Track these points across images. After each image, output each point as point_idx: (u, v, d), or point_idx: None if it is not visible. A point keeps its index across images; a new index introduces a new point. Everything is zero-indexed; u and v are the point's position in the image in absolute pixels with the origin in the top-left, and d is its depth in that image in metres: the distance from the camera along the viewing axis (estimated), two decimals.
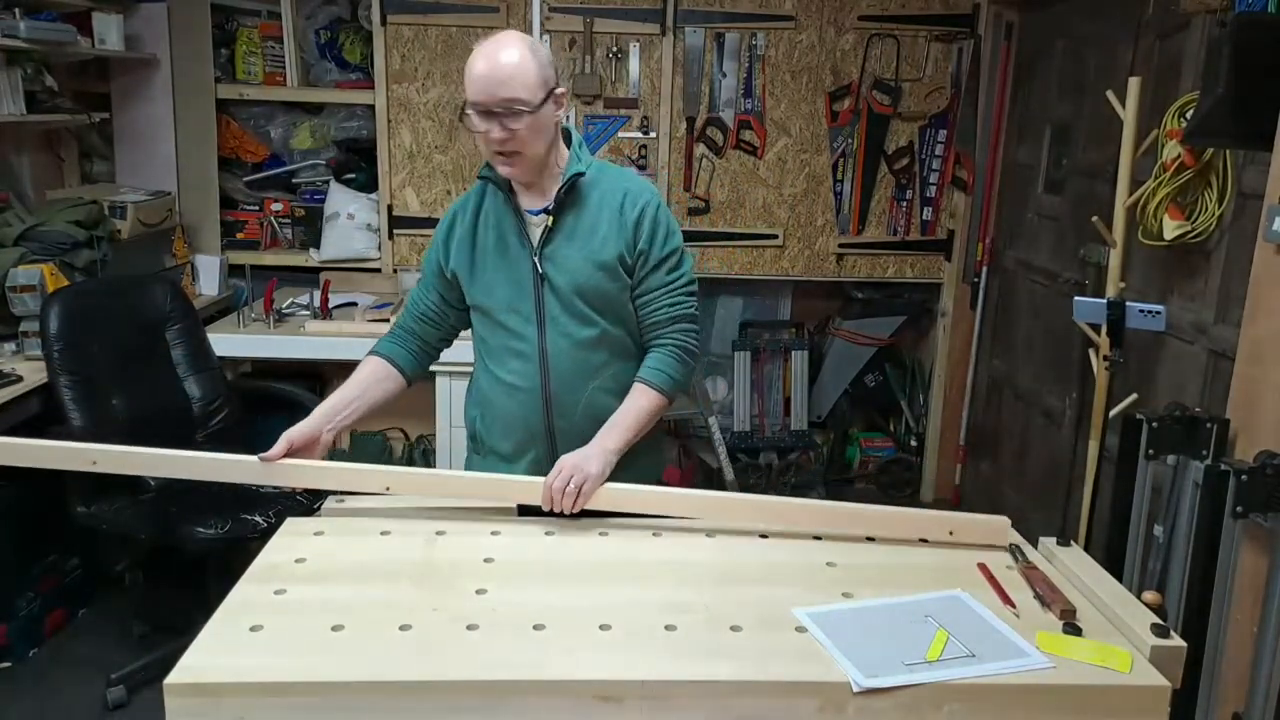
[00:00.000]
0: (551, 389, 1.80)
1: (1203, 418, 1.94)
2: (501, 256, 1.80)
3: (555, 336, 1.78)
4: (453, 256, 1.84)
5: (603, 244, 1.77)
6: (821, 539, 1.62)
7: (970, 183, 3.85)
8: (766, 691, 1.21)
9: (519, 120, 1.66)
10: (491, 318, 1.83)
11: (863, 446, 4.29)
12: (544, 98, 1.67)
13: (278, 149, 3.98)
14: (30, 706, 2.63)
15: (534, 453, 1.83)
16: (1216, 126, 1.99)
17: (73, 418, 2.62)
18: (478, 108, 1.66)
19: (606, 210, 1.78)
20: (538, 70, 1.66)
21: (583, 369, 1.80)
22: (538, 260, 1.77)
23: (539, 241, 1.77)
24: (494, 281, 1.80)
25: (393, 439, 4.00)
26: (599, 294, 1.78)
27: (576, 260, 1.76)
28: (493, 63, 1.65)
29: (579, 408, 1.80)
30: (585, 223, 1.78)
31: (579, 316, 1.78)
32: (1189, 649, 1.33)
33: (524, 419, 1.82)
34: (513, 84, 1.64)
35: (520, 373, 1.81)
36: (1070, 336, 2.93)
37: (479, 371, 1.92)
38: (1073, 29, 3.23)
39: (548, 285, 1.77)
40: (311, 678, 1.19)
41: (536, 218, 1.79)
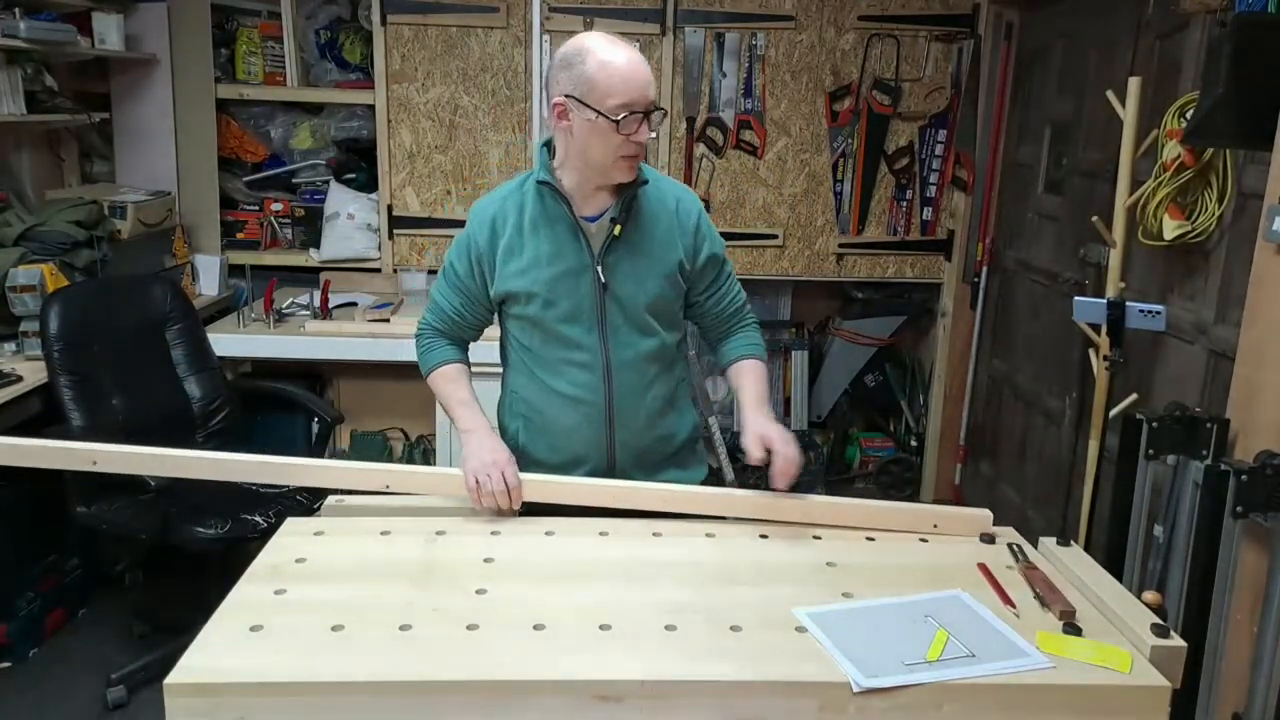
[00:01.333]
0: (615, 401, 1.78)
1: (1203, 418, 1.94)
2: (559, 264, 1.73)
3: (619, 348, 1.76)
4: (499, 265, 1.77)
5: (664, 252, 1.76)
6: (821, 539, 1.63)
7: (970, 183, 3.85)
8: (766, 691, 1.21)
9: (658, 121, 1.69)
10: (544, 327, 1.77)
11: (863, 446, 4.29)
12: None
13: (278, 149, 3.98)
14: (30, 706, 2.63)
15: (590, 465, 1.80)
16: (1216, 126, 1.99)
17: (73, 418, 2.62)
18: (630, 109, 1.62)
19: (664, 218, 1.77)
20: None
21: (643, 380, 1.80)
22: (600, 270, 1.73)
23: (600, 250, 1.73)
24: (552, 290, 1.74)
25: (393, 439, 4.01)
26: (662, 304, 1.78)
27: (642, 270, 1.75)
28: (635, 59, 1.64)
29: (640, 419, 1.80)
30: (647, 232, 1.76)
31: (641, 327, 1.77)
32: (1189, 649, 1.33)
33: (584, 431, 1.79)
34: (653, 83, 1.67)
35: (582, 384, 1.77)
36: (1070, 336, 2.93)
37: (521, 381, 1.85)
38: (1073, 29, 3.23)
39: (611, 295, 1.74)
40: (311, 678, 1.19)
41: (594, 225, 1.74)
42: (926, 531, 1.65)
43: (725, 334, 1.91)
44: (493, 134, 3.82)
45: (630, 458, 1.81)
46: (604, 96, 1.62)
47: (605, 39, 1.67)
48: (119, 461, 1.64)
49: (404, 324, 3.44)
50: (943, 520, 1.66)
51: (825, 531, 1.65)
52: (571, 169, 1.73)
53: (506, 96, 3.79)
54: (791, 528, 1.65)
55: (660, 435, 1.85)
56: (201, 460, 1.69)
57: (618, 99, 1.62)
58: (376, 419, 4.01)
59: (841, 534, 1.64)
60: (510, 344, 1.87)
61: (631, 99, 1.62)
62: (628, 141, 1.64)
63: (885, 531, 1.65)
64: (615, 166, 1.68)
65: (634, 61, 1.64)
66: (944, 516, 1.66)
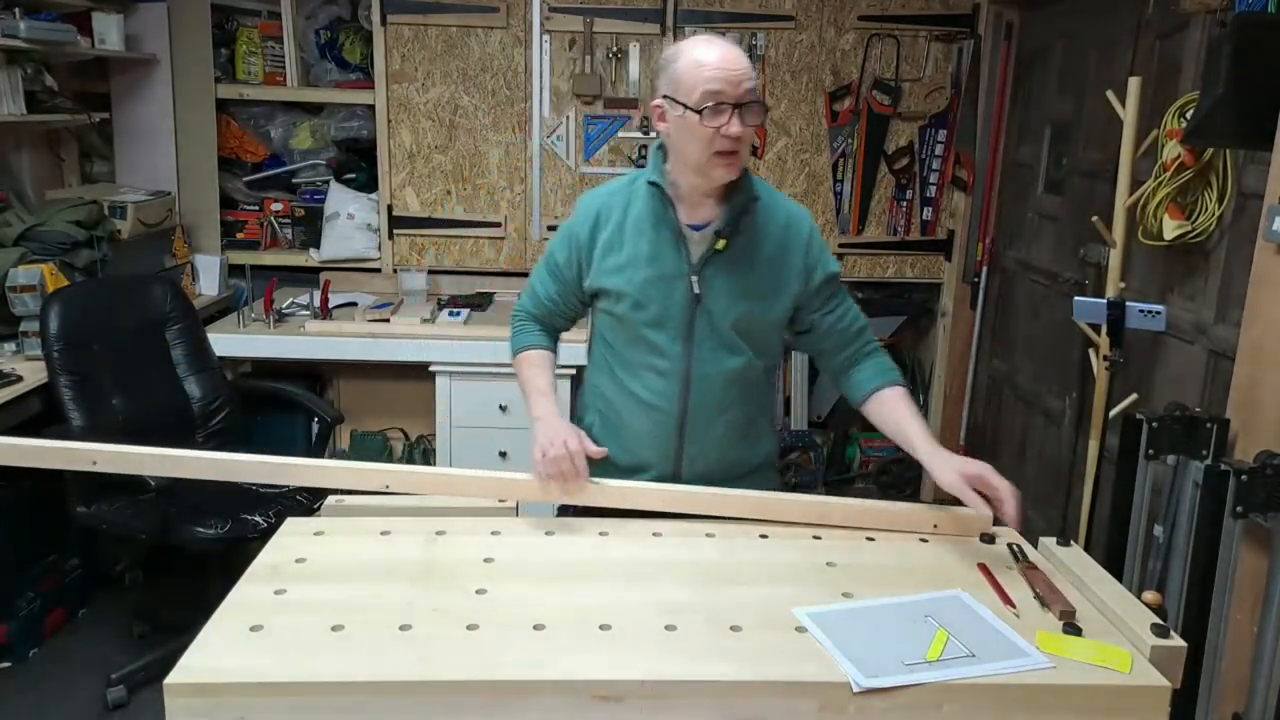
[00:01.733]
0: (689, 413, 1.73)
1: (1203, 418, 1.94)
2: (655, 268, 1.69)
3: (701, 361, 1.71)
4: (596, 260, 1.74)
5: (765, 272, 1.71)
6: (821, 539, 1.63)
7: (970, 183, 3.85)
8: (766, 691, 1.21)
9: (755, 116, 1.60)
10: (631, 329, 1.74)
11: (863, 446, 4.29)
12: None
13: (278, 149, 3.98)
14: (30, 706, 2.63)
15: (655, 472, 1.77)
16: (1216, 126, 1.99)
17: (73, 418, 2.62)
18: (720, 99, 1.57)
19: (773, 237, 1.71)
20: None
21: (723, 399, 1.74)
22: (696, 280, 1.68)
23: (700, 260, 1.69)
24: (643, 293, 1.70)
25: (393, 439, 4.01)
26: (756, 323, 1.72)
27: (739, 288, 1.69)
28: (728, 52, 1.59)
29: (712, 436, 1.75)
30: (753, 249, 1.70)
31: (728, 344, 1.72)
32: (1189, 649, 1.33)
33: (654, 438, 1.76)
34: (750, 75, 1.59)
35: (659, 391, 1.74)
36: (1070, 336, 2.93)
37: (601, 377, 1.83)
38: (1073, 29, 3.23)
39: (702, 308, 1.69)
40: (311, 678, 1.19)
41: (698, 234, 1.69)
42: (926, 531, 1.65)
43: (852, 360, 1.79)
44: (493, 134, 3.82)
45: (696, 475, 1.76)
46: (691, 90, 1.58)
47: (703, 39, 1.63)
48: (119, 461, 1.63)
49: (404, 324, 3.44)
50: (943, 520, 1.65)
51: (825, 531, 1.64)
52: (678, 173, 1.68)
53: (506, 96, 3.79)
54: (791, 528, 1.65)
55: (731, 460, 1.79)
56: (201, 460, 1.68)
57: (703, 89, 1.57)
58: (376, 419, 4.01)
59: (841, 534, 1.64)
60: (597, 339, 1.84)
61: (718, 89, 1.57)
62: (718, 135, 1.58)
63: (885, 531, 1.65)
64: (711, 164, 1.62)
65: (725, 54, 1.59)
66: (944, 516, 1.66)
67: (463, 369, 3.33)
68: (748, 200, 1.69)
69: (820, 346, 1.81)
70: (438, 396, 3.36)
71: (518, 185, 3.88)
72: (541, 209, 3.89)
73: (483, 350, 3.30)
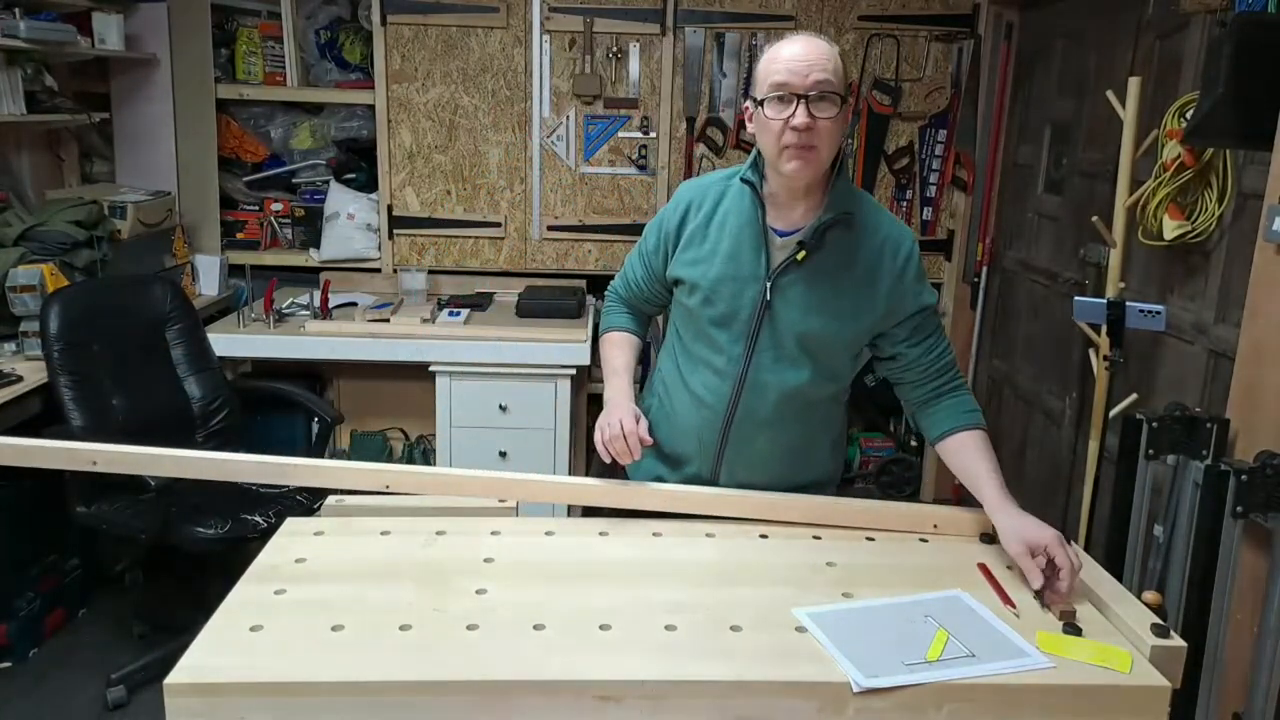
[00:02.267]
0: (736, 417, 1.70)
1: (1203, 418, 1.94)
2: (731, 266, 1.66)
3: (759, 369, 1.67)
4: (679, 249, 1.73)
5: (846, 292, 1.65)
6: (821, 539, 1.63)
7: (970, 183, 3.85)
8: (766, 691, 1.21)
9: (827, 108, 1.53)
10: (698, 322, 1.72)
11: (863, 446, 4.29)
12: (844, 95, 1.57)
13: (278, 149, 3.98)
14: (30, 706, 2.63)
15: (696, 466, 1.76)
16: (1216, 126, 1.98)
17: (73, 418, 2.62)
18: (783, 89, 1.53)
19: (865, 255, 1.65)
20: (844, 67, 1.57)
21: (773, 412, 1.69)
22: (769, 286, 1.64)
23: (777, 267, 1.64)
24: (714, 290, 1.67)
25: (393, 439, 4.01)
26: (825, 341, 1.67)
27: (813, 302, 1.64)
28: (807, 46, 1.55)
29: (756, 445, 1.72)
30: (836, 265, 1.64)
31: (791, 358, 1.67)
32: (1189, 649, 1.33)
33: (698, 433, 1.74)
34: (826, 67, 1.53)
35: (712, 389, 1.71)
36: (1070, 336, 2.93)
37: (667, 364, 1.82)
38: (1073, 29, 3.23)
39: (770, 316, 1.65)
40: (311, 678, 1.19)
41: (783, 239, 1.65)
42: (926, 531, 1.65)
43: (933, 395, 1.73)
44: (493, 134, 3.82)
45: (735, 481, 1.74)
46: (762, 84, 1.57)
47: (791, 37, 1.59)
48: (119, 461, 1.63)
49: (404, 324, 3.44)
50: (943, 520, 1.66)
51: (825, 531, 1.64)
52: (768, 174, 1.66)
53: (506, 96, 3.79)
54: (791, 528, 1.65)
55: (774, 474, 1.74)
56: (201, 460, 1.68)
57: (770, 80, 1.55)
58: (376, 419, 4.01)
59: (841, 534, 1.64)
60: (670, 327, 1.83)
61: (784, 80, 1.53)
62: (786, 128, 1.53)
63: (885, 531, 1.65)
64: (782, 159, 1.57)
65: (801, 47, 1.55)
66: (944, 516, 1.66)
67: (463, 369, 3.33)
68: (840, 214, 1.63)
69: (901, 377, 1.76)
70: (438, 396, 3.36)
71: (518, 185, 3.88)
72: (541, 209, 3.89)
73: (483, 350, 3.30)
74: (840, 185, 1.65)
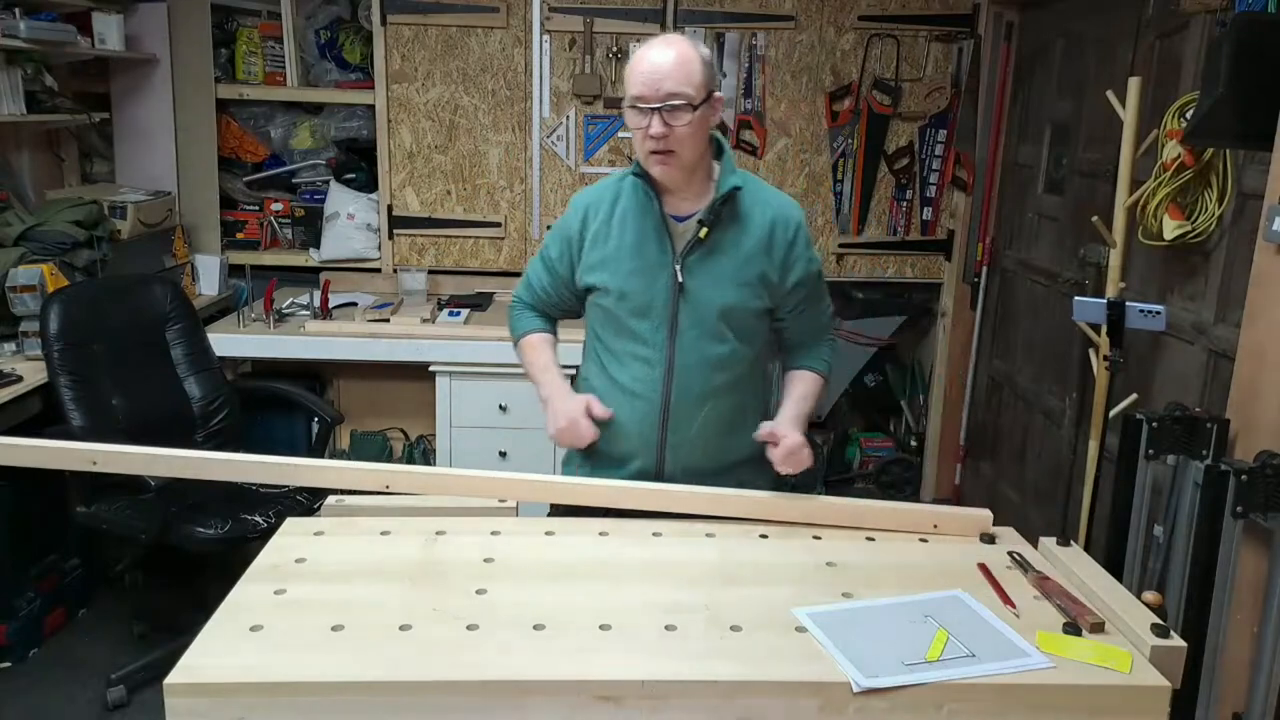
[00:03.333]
0: (672, 401, 1.77)
1: (1203, 418, 1.94)
2: (638, 259, 1.75)
3: (685, 349, 1.75)
4: (585, 253, 1.81)
5: (748, 262, 1.75)
6: (821, 539, 1.63)
7: (970, 183, 3.85)
8: (766, 691, 1.21)
9: (680, 116, 1.64)
10: (616, 320, 1.79)
11: (863, 446, 4.29)
12: (704, 98, 1.67)
13: (278, 149, 3.98)
14: (30, 706, 2.63)
15: (640, 462, 1.80)
16: (1216, 126, 1.99)
17: (73, 418, 2.62)
18: (639, 102, 1.66)
19: (757, 228, 1.75)
20: (702, 69, 1.67)
21: (706, 386, 1.77)
22: (679, 269, 1.73)
23: (683, 250, 1.73)
24: (628, 284, 1.76)
25: (393, 439, 4.00)
26: (739, 312, 1.76)
27: (722, 275, 1.74)
28: (659, 57, 1.65)
29: (695, 424, 1.78)
30: (735, 238, 1.74)
31: (712, 333, 1.76)
32: (1189, 649, 1.33)
33: (636, 427, 1.79)
34: (677, 77, 1.64)
35: (642, 379, 1.77)
36: (1070, 336, 2.93)
37: (591, 369, 1.89)
38: (1073, 29, 3.23)
39: (685, 296, 1.74)
40: (311, 678, 1.19)
41: (682, 224, 1.75)
42: (926, 531, 1.65)
43: (800, 345, 1.91)
44: (493, 134, 3.82)
45: (680, 465, 1.79)
46: (628, 90, 1.69)
47: (656, 39, 1.70)
48: (119, 461, 1.63)
49: (404, 324, 3.44)
50: (943, 520, 1.66)
51: (825, 531, 1.65)
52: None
53: (506, 96, 3.79)
54: (791, 528, 1.65)
55: (716, 450, 1.80)
56: (201, 460, 1.68)
57: (631, 90, 1.67)
58: (376, 419, 4.00)
59: (841, 534, 1.64)
60: (589, 333, 1.89)
61: (638, 91, 1.65)
62: (645, 135, 1.66)
63: (885, 531, 1.65)
64: (648, 162, 1.70)
65: (654, 56, 1.66)
66: (944, 516, 1.66)
67: (463, 369, 3.33)
68: (730, 190, 1.73)
69: (780, 335, 1.90)
70: (438, 396, 3.36)
71: (518, 185, 3.88)
72: (541, 209, 3.89)
73: (483, 350, 3.30)
74: (725, 165, 1.77)
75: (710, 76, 1.69)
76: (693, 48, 1.69)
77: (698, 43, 1.74)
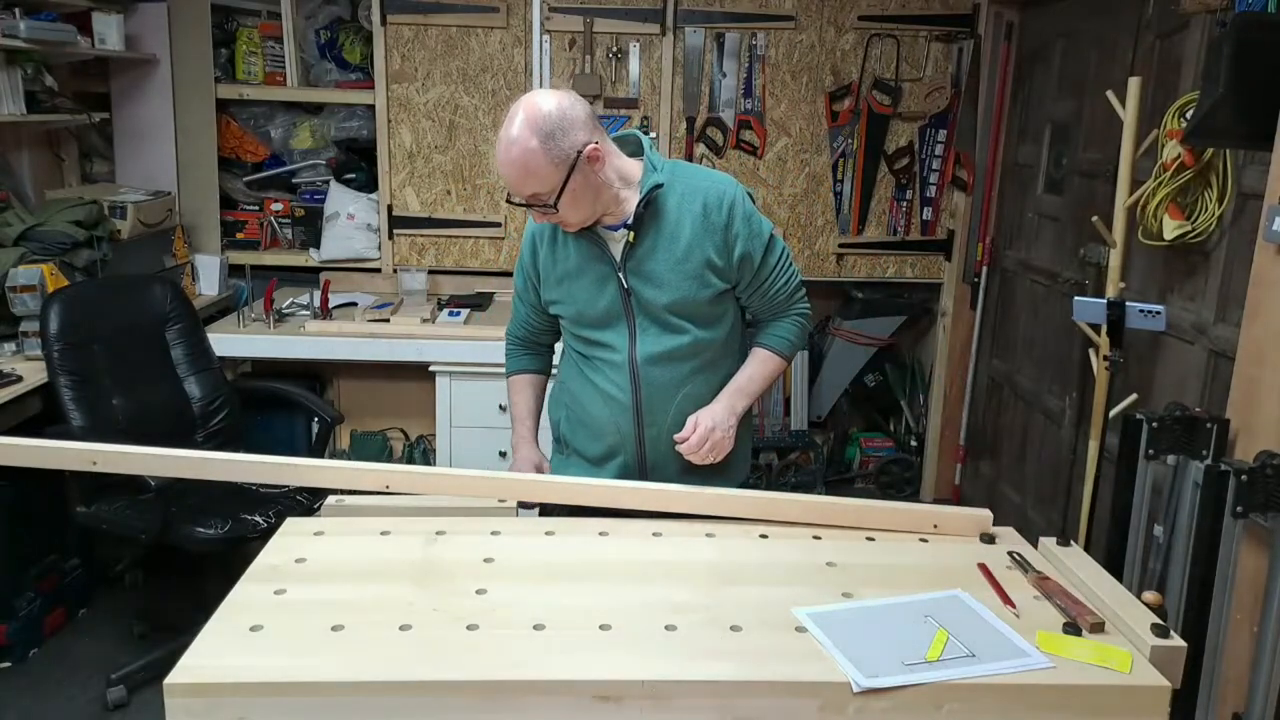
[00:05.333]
0: (642, 398, 1.82)
1: (1203, 418, 1.94)
2: (586, 277, 1.81)
3: (646, 348, 1.80)
4: (542, 281, 1.88)
5: (688, 252, 1.76)
6: (821, 539, 1.63)
7: (970, 183, 3.85)
8: (766, 691, 1.21)
9: (548, 206, 1.69)
10: (584, 333, 1.86)
11: (863, 446, 4.29)
12: (565, 177, 1.65)
13: (278, 149, 3.98)
14: (30, 706, 2.63)
15: (622, 458, 1.87)
16: (1216, 126, 1.99)
17: (73, 418, 2.62)
18: (511, 196, 1.72)
19: (688, 216, 1.77)
20: (546, 156, 1.63)
21: (673, 378, 1.82)
22: (623, 276, 1.78)
23: (621, 257, 1.77)
24: (582, 302, 1.82)
25: (393, 439, 4.01)
26: (687, 303, 1.79)
27: (662, 272, 1.77)
28: (505, 162, 1.67)
29: (669, 415, 1.83)
30: (667, 233, 1.77)
31: (668, 327, 1.80)
32: (1189, 649, 1.33)
33: (614, 425, 1.85)
34: (528, 181, 1.67)
35: (614, 381, 1.83)
36: (1070, 336, 2.93)
37: (568, 373, 1.94)
38: (1073, 29, 3.23)
39: (635, 299, 1.79)
40: (311, 678, 1.19)
41: (616, 233, 1.78)
42: (926, 531, 1.65)
43: (766, 319, 1.92)
44: (492, 134, 3.82)
45: (661, 455, 1.85)
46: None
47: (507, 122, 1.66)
48: (119, 461, 1.63)
49: (404, 324, 3.44)
50: (943, 520, 1.66)
51: (825, 531, 1.64)
52: None
53: (506, 97, 3.79)
54: (791, 528, 1.65)
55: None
56: (201, 460, 1.68)
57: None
58: (376, 419, 4.01)
59: (841, 534, 1.64)
60: (565, 340, 1.96)
61: (508, 189, 1.73)
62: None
63: (885, 531, 1.65)
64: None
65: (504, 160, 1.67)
66: (944, 516, 1.66)
67: (463, 369, 3.33)
68: (650, 191, 1.75)
69: (747, 309, 1.92)
70: (438, 396, 3.36)
71: None
72: None
73: (483, 350, 3.30)
74: (646, 164, 1.78)
75: (563, 151, 1.63)
76: (531, 132, 1.62)
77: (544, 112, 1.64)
